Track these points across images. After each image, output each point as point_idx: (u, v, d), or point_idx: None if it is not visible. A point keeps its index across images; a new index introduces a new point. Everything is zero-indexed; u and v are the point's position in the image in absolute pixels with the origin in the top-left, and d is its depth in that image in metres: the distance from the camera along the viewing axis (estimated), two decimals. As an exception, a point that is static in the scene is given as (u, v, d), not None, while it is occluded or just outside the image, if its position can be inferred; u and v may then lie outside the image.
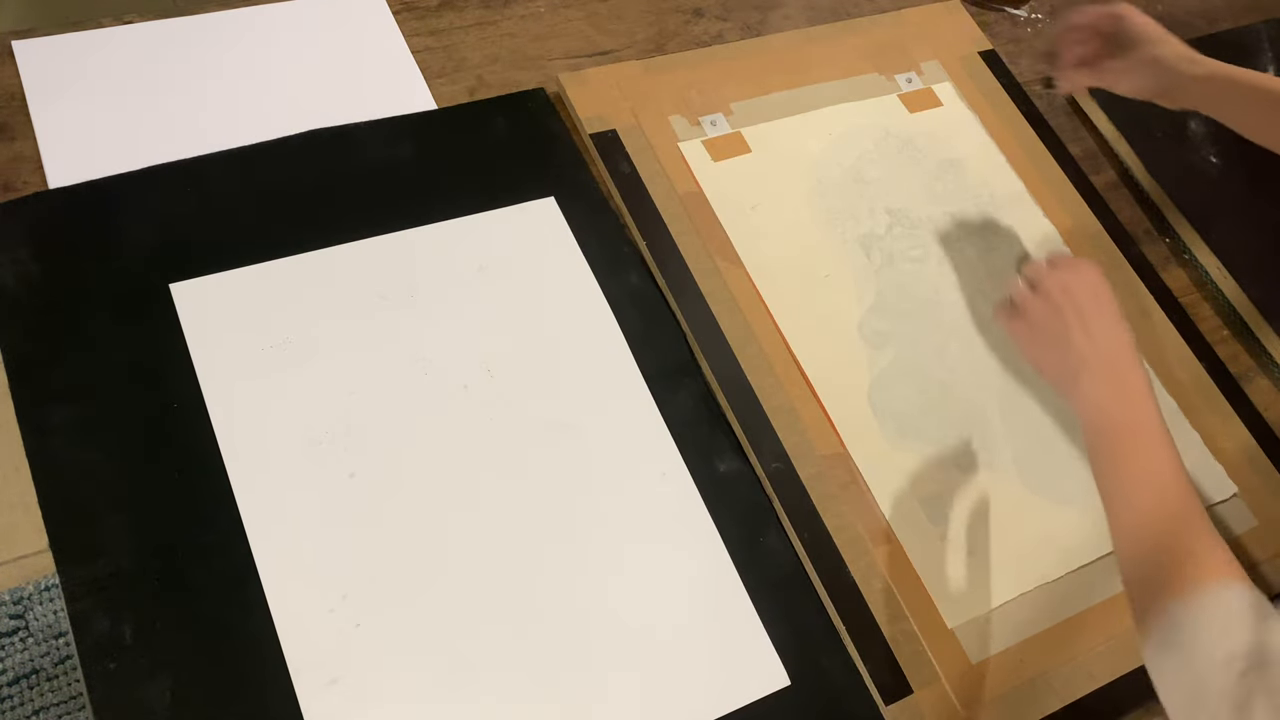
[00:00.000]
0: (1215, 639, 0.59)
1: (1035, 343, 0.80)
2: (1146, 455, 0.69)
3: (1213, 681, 0.57)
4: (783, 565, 0.79)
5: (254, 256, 0.81)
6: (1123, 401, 0.72)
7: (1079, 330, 0.77)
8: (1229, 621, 0.59)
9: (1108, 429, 0.72)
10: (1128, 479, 0.69)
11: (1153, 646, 0.63)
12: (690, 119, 0.98)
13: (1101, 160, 1.13)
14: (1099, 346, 0.75)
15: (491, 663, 0.70)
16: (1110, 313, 0.78)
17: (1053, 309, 0.79)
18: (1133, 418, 0.71)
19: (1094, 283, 0.80)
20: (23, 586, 1.45)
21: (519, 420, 0.80)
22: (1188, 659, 0.59)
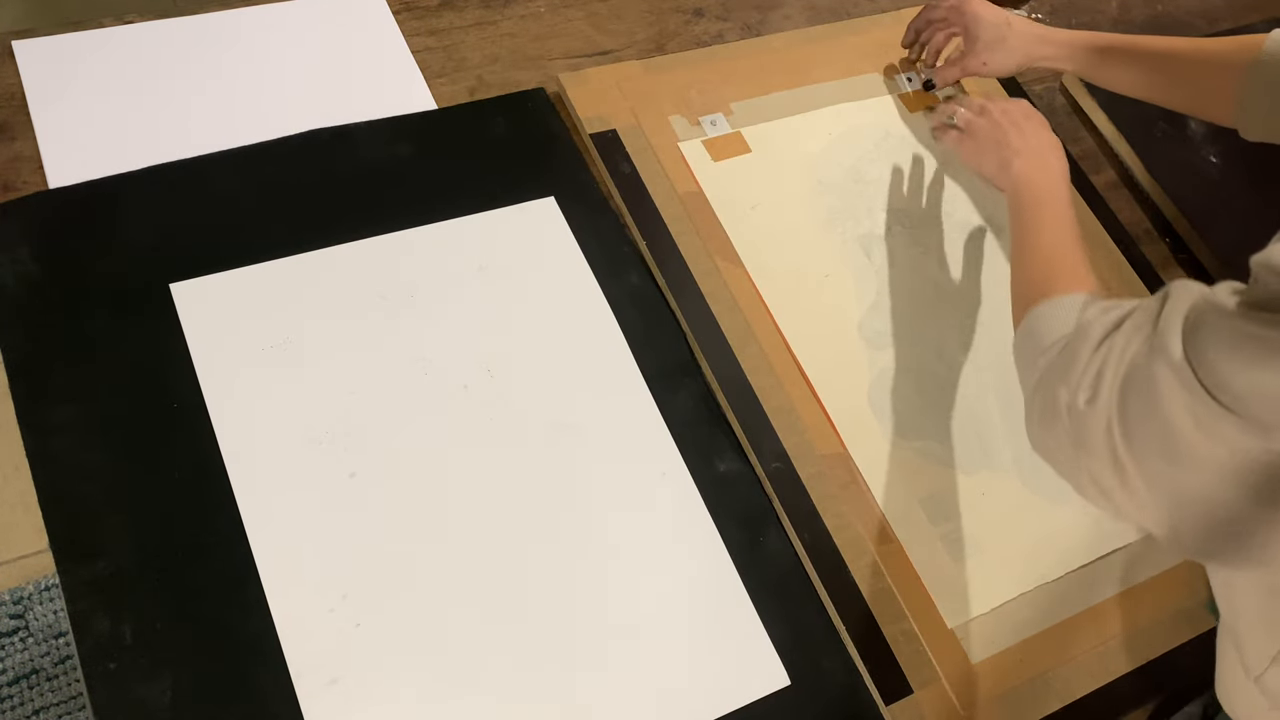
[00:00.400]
0: (1051, 326, 0.69)
1: (978, 150, 0.94)
2: (1050, 218, 0.82)
3: (1042, 360, 0.68)
4: (783, 565, 0.79)
5: (254, 256, 0.81)
6: (1044, 178, 0.86)
7: (1015, 134, 0.91)
8: (1064, 314, 0.69)
9: (1029, 199, 0.84)
10: (1031, 235, 0.81)
11: (1016, 342, 0.74)
12: (690, 119, 0.98)
13: (1101, 160, 1.13)
14: (1031, 142, 0.90)
15: (491, 662, 0.70)
16: (1042, 125, 0.92)
17: (994, 124, 0.94)
18: (1049, 192, 0.85)
19: (1028, 107, 0.95)
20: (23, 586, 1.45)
21: (519, 420, 0.80)
22: (1033, 344, 0.70)
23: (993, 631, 0.80)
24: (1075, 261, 0.77)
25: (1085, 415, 0.60)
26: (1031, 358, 0.69)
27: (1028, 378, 0.70)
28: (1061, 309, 0.70)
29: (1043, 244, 0.79)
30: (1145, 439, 0.57)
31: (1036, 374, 0.68)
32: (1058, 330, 0.68)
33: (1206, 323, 0.55)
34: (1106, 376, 0.60)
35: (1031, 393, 0.68)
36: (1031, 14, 1.21)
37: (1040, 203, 0.83)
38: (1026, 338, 0.72)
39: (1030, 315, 0.72)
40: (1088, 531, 0.86)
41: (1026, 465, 0.88)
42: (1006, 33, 0.96)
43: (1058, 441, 0.64)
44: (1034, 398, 0.67)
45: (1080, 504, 0.87)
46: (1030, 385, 0.69)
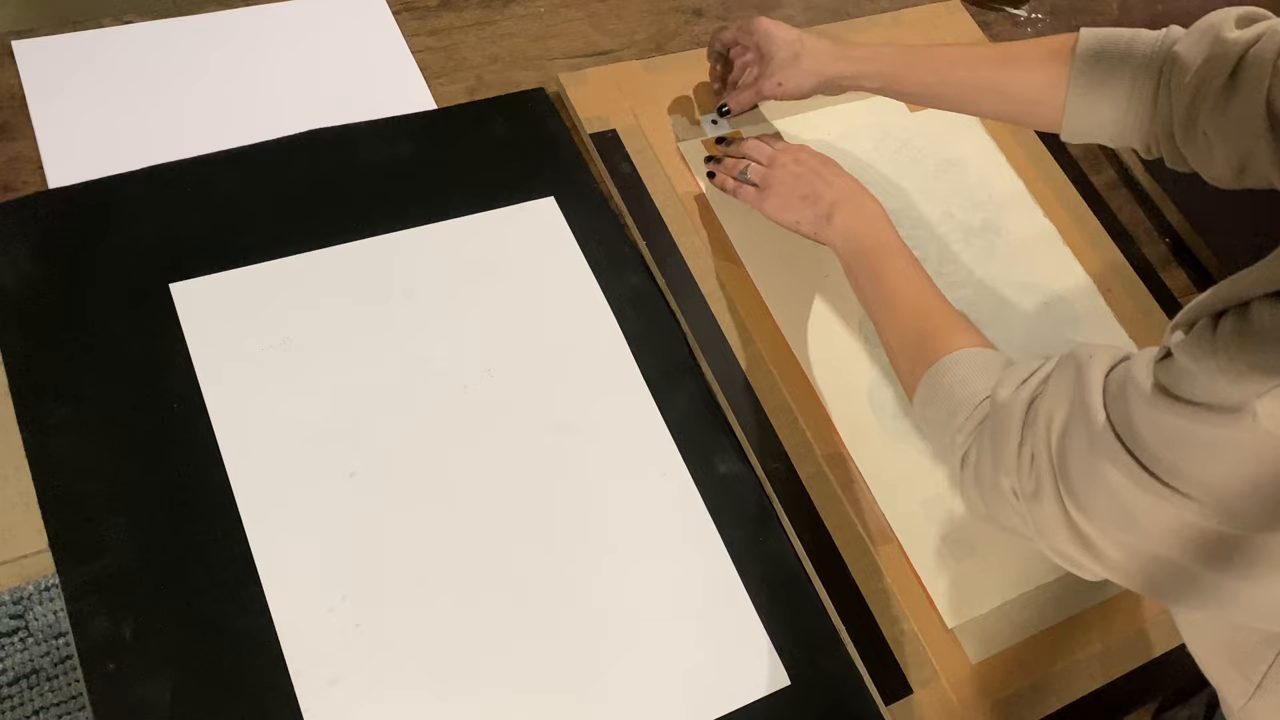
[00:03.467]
0: (960, 385, 0.69)
1: (787, 206, 0.88)
2: (896, 266, 0.80)
3: (957, 417, 0.68)
4: (783, 565, 0.79)
5: (254, 256, 0.81)
6: (870, 227, 0.83)
7: (822, 183, 0.86)
8: (970, 373, 0.69)
9: (862, 251, 0.82)
10: (886, 287, 0.79)
11: (917, 407, 0.73)
12: (690, 118, 0.98)
13: (1101, 160, 1.13)
14: (840, 190, 0.86)
15: (491, 663, 0.70)
16: (840, 169, 0.88)
17: (792, 175, 0.88)
18: (880, 239, 0.82)
19: (819, 153, 0.90)
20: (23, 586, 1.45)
21: (519, 420, 0.79)
22: (943, 404, 0.70)
23: (993, 631, 0.80)
24: (944, 310, 0.76)
25: (1035, 504, 0.61)
26: (943, 422, 0.70)
27: (943, 443, 0.70)
28: (962, 368, 0.70)
29: (902, 297, 0.78)
30: (1099, 510, 0.58)
31: (956, 442, 0.68)
32: (965, 392, 0.68)
33: (1127, 398, 0.56)
34: (1042, 460, 0.60)
35: (959, 464, 0.68)
36: (1031, 14, 1.21)
37: (878, 253, 0.81)
38: (930, 403, 0.72)
39: (929, 378, 0.72)
40: (1088, 531, 0.86)
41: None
42: (800, 50, 0.88)
43: (1010, 520, 0.65)
44: (966, 472, 0.67)
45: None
46: (952, 454, 0.69)
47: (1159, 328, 0.99)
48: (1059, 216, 1.03)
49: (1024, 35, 1.20)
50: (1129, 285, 1.01)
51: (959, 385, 0.69)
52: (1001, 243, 1.00)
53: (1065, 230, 1.03)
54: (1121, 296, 1.00)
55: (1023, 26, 1.21)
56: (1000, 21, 1.20)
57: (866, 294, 0.81)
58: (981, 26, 1.16)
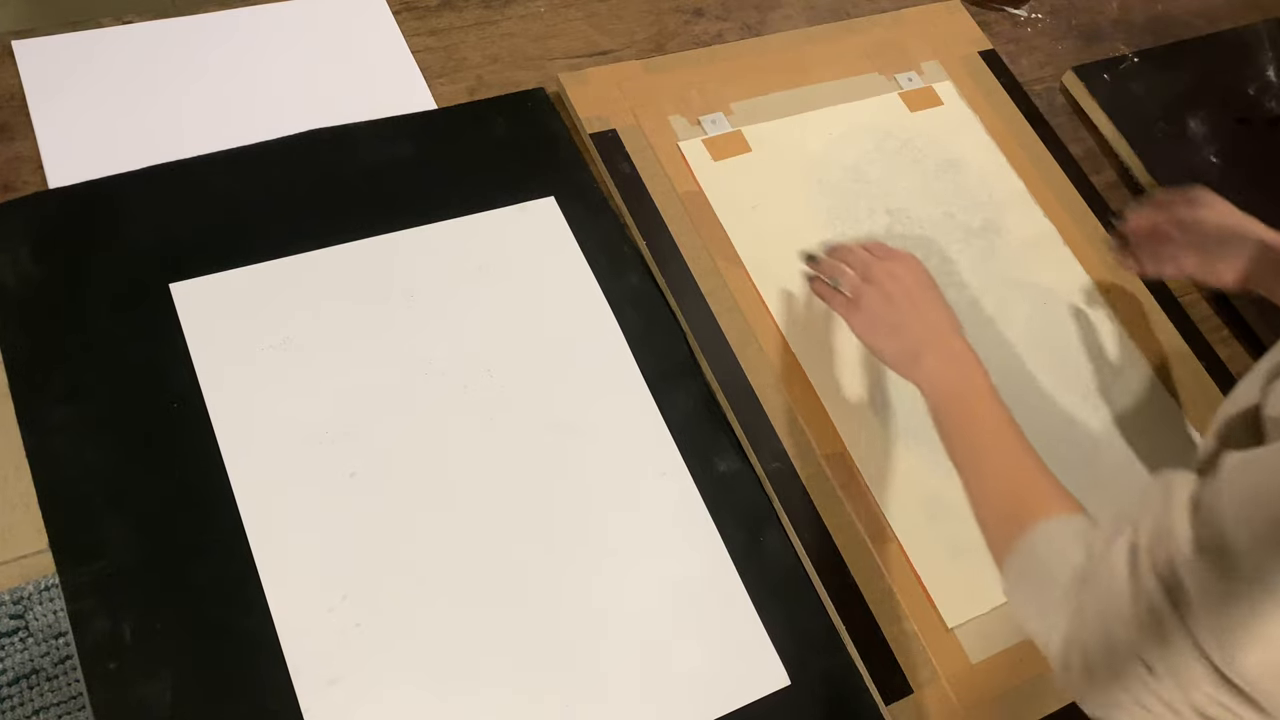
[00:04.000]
0: (1057, 559, 0.63)
1: (875, 331, 0.82)
2: (988, 419, 0.75)
3: (1057, 589, 0.62)
4: (783, 565, 0.79)
5: (254, 256, 0.81)
6: (961, 375, 0.77)
7: (913, 315, 0.81)
8: (1067, 544, 0.64)
9: (952, 399, 0.77)
10: (976, 442, 0.74)
11: (1009, 580, 0.67)
12: (690, 119, 0.98)
13: (1101, 160, 1.13)
14: (933, 328, 0.80)
15: (491, 662, 0.70)
16: (937, 297, 0.82)
17: (885, 297, 0.82)
18: (972, 387, 0.77)
19: (918, 270, 0.84)
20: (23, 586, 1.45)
21: (519, 420, 0.79)
22: (1037, 582, 0.64)
23: (993, 631, 0.80)
24: (1037, 471, 0.71)
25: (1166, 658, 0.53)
26: (1037, 597, 0.64)
27: (1039, 622, 0.63)
28: (1058, 538, 0.65)
29: (992, 454, 0.73)
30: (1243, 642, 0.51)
31: (1051, 623, 0.61)
32: (1060, 565, 0.62)
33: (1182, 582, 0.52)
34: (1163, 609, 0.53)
35: (1060, 645, 0.60)
36: (1031, 14, 1.21)
37: (968, 403, 0.76)
38: (1022, 576, 0.66)
39: (1022, 549, 0.66)
40: (1088, 531, 0.86)
41: (1026, 465, 0.88)
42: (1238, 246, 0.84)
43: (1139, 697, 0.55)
44: (1073, 653, 0.59)
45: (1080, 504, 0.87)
46: (1050, 633, 0.61)
47: (1159, 328, 0.99)
48: (1059, 216, 1.03)
49: (1024, 35, 1.20)
50: (1129, 285, 1.01)
51: (1055, 558, 0.63)
52: (1001, 243, 1.00)
53: (1065, 230, 1.03)
54: (1121, 296, 1.00)
55: (1022, 27, 1.21)
56: (1000, 21, 1.20)
57: (953, 444, 0.76)
58: (981, 26, 1.16)
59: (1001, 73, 1.12)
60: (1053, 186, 1.05)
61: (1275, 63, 1.23)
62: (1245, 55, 1.23)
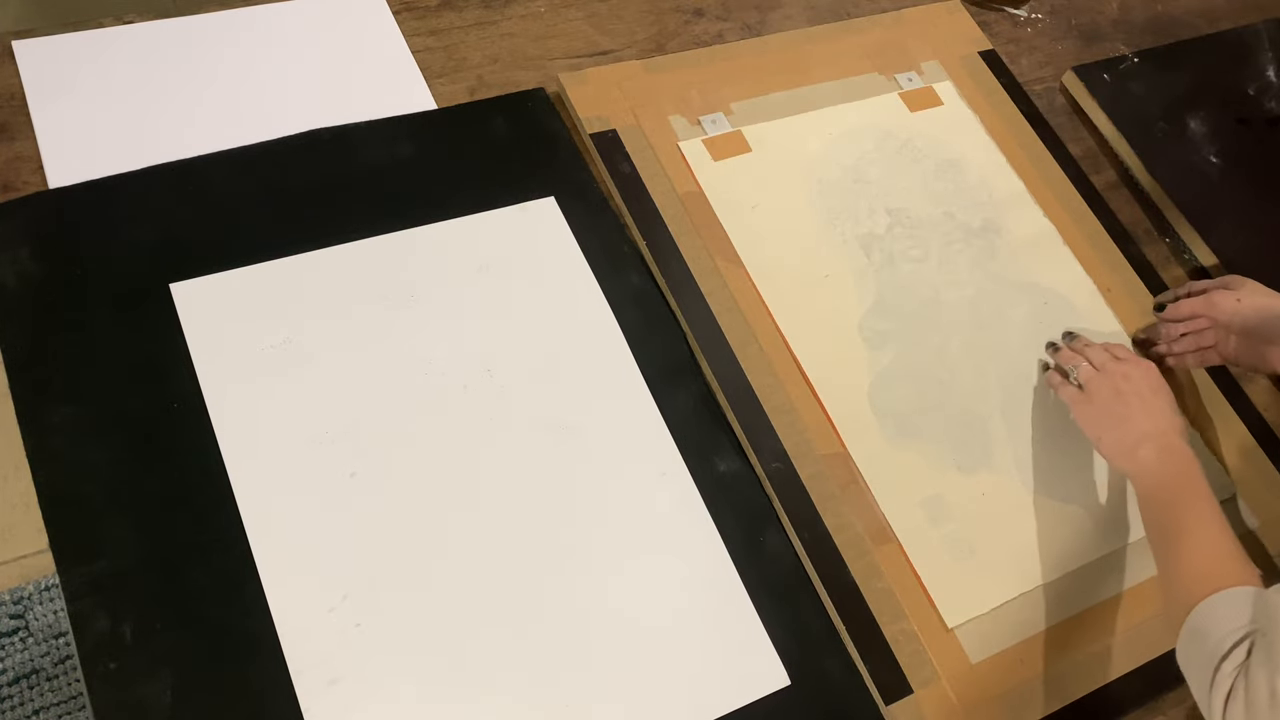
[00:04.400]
0: (1225, 622, 0.67)
1: (1099, 421, 0.85)
2: (1194, 506, 0.76)
3: (1227, 645, 0.66)
4: (783, 565, 0.79)
5: (254, 256, 0.81)
6: (1177, 468, 0.79)
7: (1141, 412, 0.83)
8: (1236, 608, 0.67)
9: (1162, 487, 0.79)
10: (1179, 525, 0.76)
11: (1180, 642, 0.71)
12: (690, 119, 0.98)
13: (1101, 160, 1.13)
14: (1159, 425, 0.82)
15: (492, 663, 0.70)
16: (1168, 404, 0.84)
17: (1115, 391, 0.84)
18: (1186, 478, 0.78)
19: (1153, 376, 0.86)
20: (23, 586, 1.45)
21: (519, 420, 0.79)
22: (1203, 641, 0.68)
23: (993, 631, 0.80)
24: (1233, 554, 0.73)
25: None
26: (1206, 657, 0.67)
27: (1203, 679, 0.67)
28: (1239, 601, 0.68)
29: (1193, 543, 0.75)
30: None
31: (1221, 674, 0.65)
32: (1234, 624, 0.67)
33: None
34: None
35: (1222, 702, 0.65)
36: (1031, 14, 1.21)
37: (1176, 492, 0.78)
38: (1193, 635, 0.70)
39: (1199, 610, 0.70)
40: (1088, 531, 0.86)
41: (1026, 465, 0.88)
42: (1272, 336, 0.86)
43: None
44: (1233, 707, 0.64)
45: (1080, 504, 0.87)
46: (1214, 691, 0.66)
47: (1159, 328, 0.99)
48: (1059, 216, 1.03)
49: (1024, 35, 1.20)
50: (1129, 285, 1.01)
51: (1229, 618, 0.67)
52: (1001, 243, 1.00)
53: (1065, 230, 1.03)
54: (1121, 296, 1.00)
55: (1022, 27, 1.21)
56: (1000, 22, 1.20)
57: (1154, 528, 0.78)
58: (981, 26, 1.16)
59: (1001, 73, 1.12)
60: (1053, 186, 1.05)
61: (1275, 63, 1.23)
62: (1245, 55, 1.23)
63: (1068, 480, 0.88)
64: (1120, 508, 0.88)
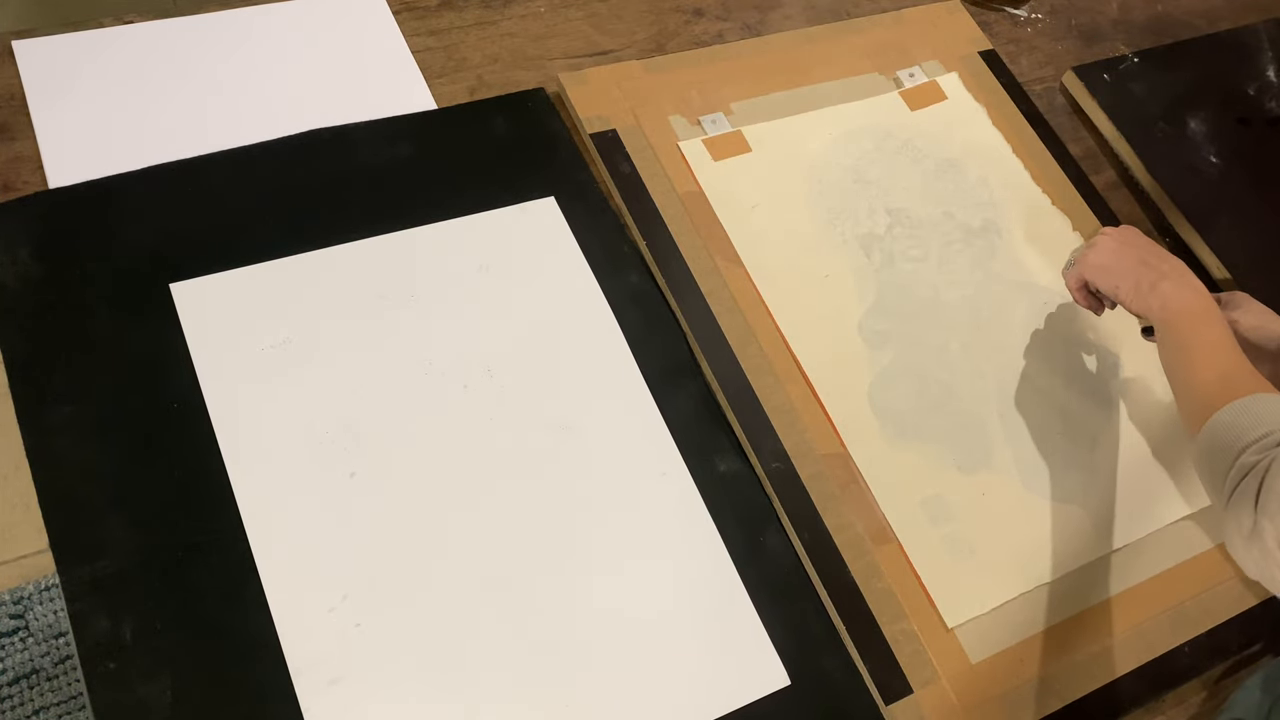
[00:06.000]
0: (1256, 420, 0.69)
1: (1113, 270, 0.86)
2: (1210, 333, 0.79)
3: (1249, 439, 0.68)
4: (783, 565, 0.79)
5: (254, 256, 0.81)
6: (1197, 298, 0.81)
7: (1153, 255, 0.85)
8: (1265, 413, 0.69)
9: (1181, 316, 0.81)
10: (1193, 347, 0.79)
11: (1198, 443, 0.73)
12: (690, 119, 0.98)
13: (1101, 160, 1.13)
14: (1174, 265, 0.84)
15: (491, 662, 0.70)
16: (1168, 253, 0.86)
17: (1124, 243, 0.87)
18: (1202, 309, 0.81)
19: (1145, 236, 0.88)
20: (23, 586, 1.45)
21: (519, 420, 0.79)
22: (1227, 440, 0.69)
23: (993, 631, 0.80)
24: (1251, 373, 0.75)
25: None
26: (1222, 452, 0.69)
27: (1218, 472, 0.69)
28: (1259, 405, 0.70)
29: (1207, 358, 0.77)
30: None
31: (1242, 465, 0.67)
32: (1256, 426, 0.68)
33: None
34: None
35: (1230, 497, 0.67)
36: (1031, 14, 1.21)
37: (1194, 320, 0.80)
38: (1211, 434, 0.71)
39: (1217, 416, 0.71)
40: (1088, 531, 0.86)
41: (1026, 466, 0.88)
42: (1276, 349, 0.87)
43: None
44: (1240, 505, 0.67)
45: (1080, 504, 0.87)
46: (1227, 486, 0.68)
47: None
48: (1059, 216, 1.03)
49: (1024, 35, 1.20)
50: (1129, 285, 1.01)
51: (1250, 421, 0.68)
52: (1001, 243, 1.00)
53: (1065, 230, 1.02)
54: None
55: (1022, 27, 1.21)
56: (1000, 22, 1.20)
57: (1171, 356, 0.80)
58: (981, 26, 1.16)
59: (1001, 73, 1.12)
60: (1053, 186, 1.05)
61: (1275, 63, 1.23)
62: (1245, 55, 1.23)
63: (1068, 480, 0.88)
64: (1120, 508, 0.88)
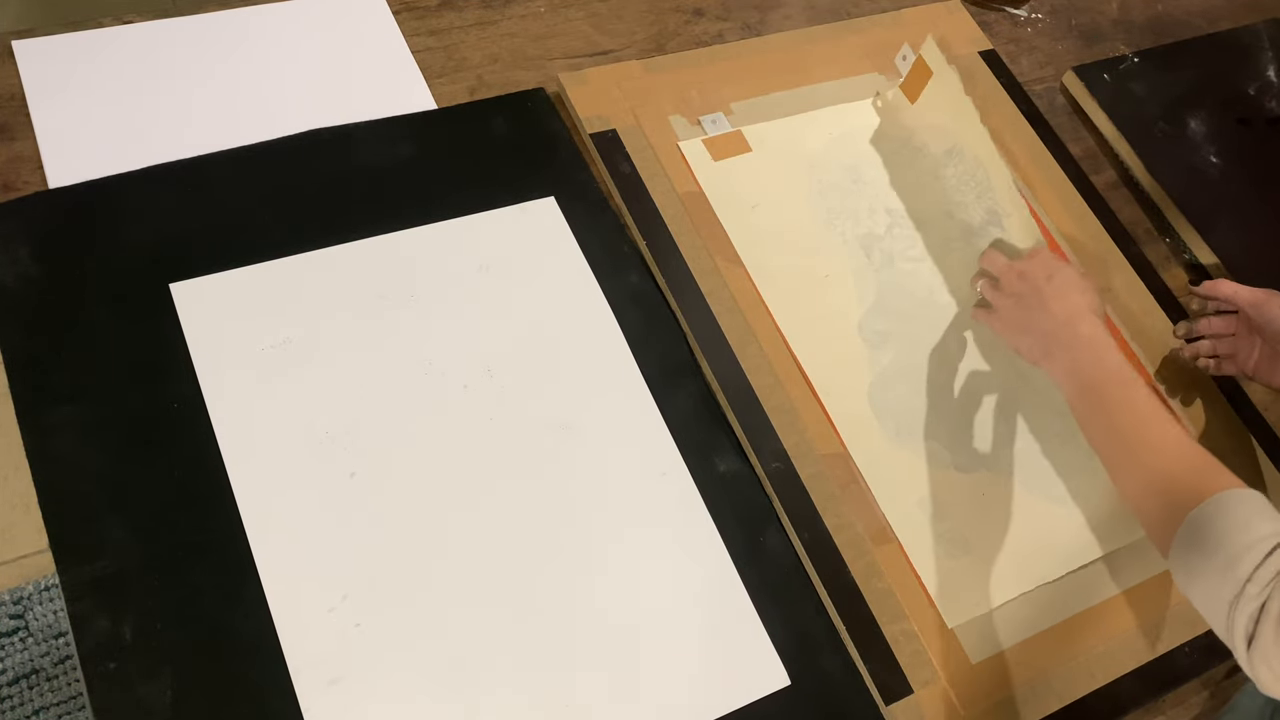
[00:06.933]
0: (1239, 529, 0.63)
1: (1009, 331, 0.85)
2: (1128, 401, 0.74)
3: (1242, 562, 0.61)
4: (783, 565, 0.79)
5: (254, 256, 0.81)
6: (1093, 361, 0.77)
7: (1039, 311, 0.81)
8: (1250, 515, 0.63)
9: (1087, 388, 0.77)
10: (1120, 426, 0.74)
11: (1177, 553, 0.66)
12: (690, 118, 0.98)
13: (1101, 160, 1.13)
14: (1059, 319, 0.80)
15: (491, 662, 0.70)
16: (1065, 284, 0.82)
17: (1015, 298, 0.84)
18: (1105, 373, 0.76)
19: (1047, 262, 0.84)
20: (23, 586, 1.45)
21: (519, 420, 0.79)
22: (1214, 549, 0.63)
23: (993, 631, 0.80)
24: (1193, 449, 0.70)
25: None
26: (1219, 572, 0.62)
27: (1219, 596, 0.62)
28: (1238, 509, 0.64)
29: (1141, 435, 0.72)
30: None
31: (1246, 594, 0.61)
32: (1247, 537, 0.62)
33: None
34: None
35: (1247, 621, 0.61)
36: (1031, 14, 1.21)
37: (1106, 388, 0.75)
38: (1197, 550, 0.64)
39: (1193, 522, 0.65)
40: (1088, 531, 0.86)
41: (1026, 465, 0.88)
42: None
43: None
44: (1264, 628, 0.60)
45: (1080, 504, 0.87)
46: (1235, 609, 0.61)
47: (1159, 328, 0.99)
48: (1059, 216, 1.03)
49: (1024, 35, 1.20)
50: (1129, 285, 1.01)
51: (1237, 530, 0.63)
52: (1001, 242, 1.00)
53: (1065, 230, 1.02)
54: (1121, 296, 1.00)
55: (1022, 27, 1.21)
56: (1000, 22, 1.20)
57: (1096, 432, 0.76)
58: (981, 27, 1.16)
59: (1001, 73, 1.12)
60: (1053, 186, 1.05)
61: (1275, 63, 1.23)
62: (1245, 55, 1.23)
63: (1068, 480, 0.88)
64: (1120, 508, 0.88)
